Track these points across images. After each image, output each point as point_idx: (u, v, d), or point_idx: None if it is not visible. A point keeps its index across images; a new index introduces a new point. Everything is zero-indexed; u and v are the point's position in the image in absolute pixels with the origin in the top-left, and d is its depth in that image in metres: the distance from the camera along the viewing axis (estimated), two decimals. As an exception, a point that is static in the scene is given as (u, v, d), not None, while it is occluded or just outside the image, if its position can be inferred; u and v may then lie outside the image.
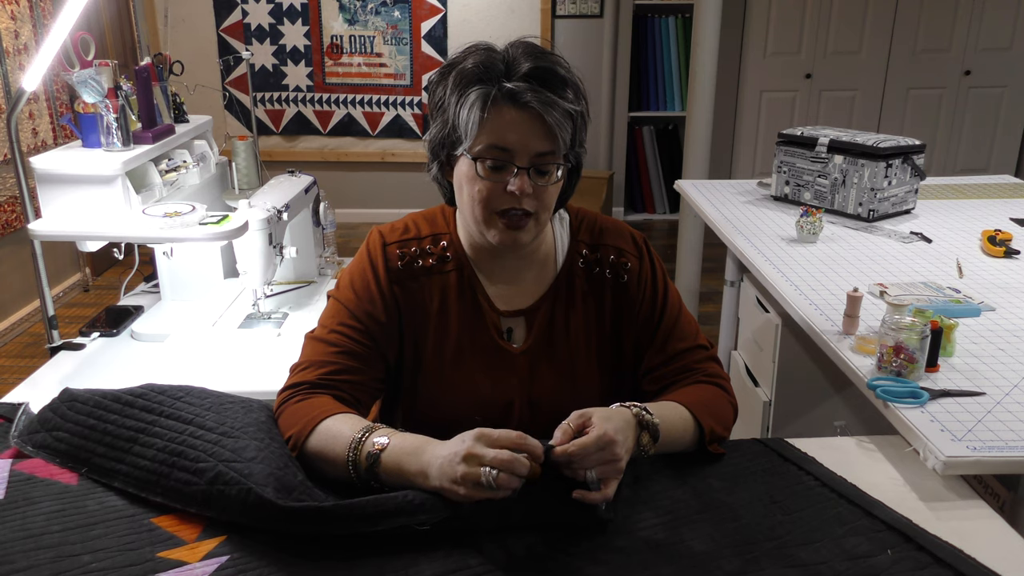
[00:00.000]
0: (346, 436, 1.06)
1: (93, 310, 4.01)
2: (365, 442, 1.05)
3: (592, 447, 0.98)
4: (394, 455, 1.02)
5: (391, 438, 1.04)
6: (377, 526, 0.96)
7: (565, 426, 1.02)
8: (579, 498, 0.98)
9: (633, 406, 1.09)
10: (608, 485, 0.99)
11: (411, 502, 0.97)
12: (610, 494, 0.99)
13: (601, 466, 0.99)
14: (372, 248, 1.25)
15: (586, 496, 0.98)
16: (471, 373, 1.23)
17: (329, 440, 1.07)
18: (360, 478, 1.04)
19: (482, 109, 1.10)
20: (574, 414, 1.03)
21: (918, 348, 1.33)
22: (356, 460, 1.04)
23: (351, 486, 1.05)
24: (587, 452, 0.97)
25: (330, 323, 1.22)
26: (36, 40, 3.81)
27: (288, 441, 1.11)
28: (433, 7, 5.05)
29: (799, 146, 2.43)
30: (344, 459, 1.05)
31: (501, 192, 1.13)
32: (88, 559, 0.92)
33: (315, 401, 1.14)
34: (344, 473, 1.05)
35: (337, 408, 1.13)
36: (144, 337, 1.94)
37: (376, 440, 1.04)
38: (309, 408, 1.13)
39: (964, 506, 1.10)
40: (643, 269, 1.28)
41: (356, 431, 1.06)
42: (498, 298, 1.25)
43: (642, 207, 5.68)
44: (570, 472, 0.99)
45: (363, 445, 1.04)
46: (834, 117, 5.33)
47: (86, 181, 1.80)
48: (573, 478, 0.99)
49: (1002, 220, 2.31)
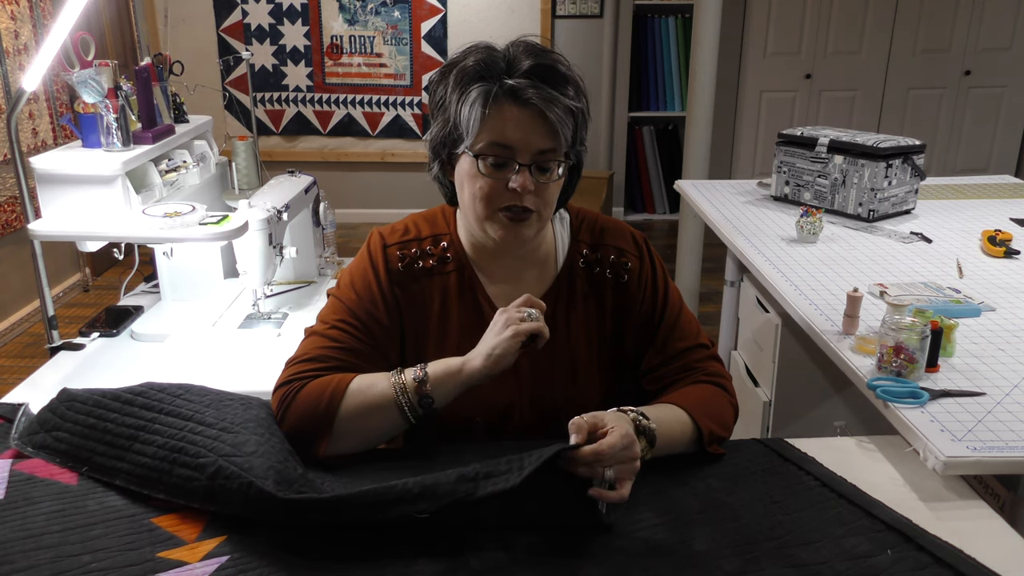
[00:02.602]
0: (383, 378, 1.14)
1: (93, 310, 4.01)
2: (403, 376, 1.13)
3: (619, 446, 0.99)
4: (439, 365, 1.13)
5: (422, 364, 1.14)
6: (378, 515, 0.96)
7: (580, 422, 1.01)
8: (596, 495, 0.98)
9: (630, 411, 1.09)
10: (623, 485, 1.00)
11: (411, 491, 0.97)
12: (626, 494, 0.99)
13: (620, 465, 0.99)
14: (372, 249, 1.25)
15: (603, 495, 0.98)
16: None
17: (365, 390, 1.13)
18: (412, 407, 1.12)
19: (483, 106, 1.11)
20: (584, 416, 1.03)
21: (918, 348, 1.33)
22: (404, 389, 1.11)
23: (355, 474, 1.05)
24: (614, 451, 0.99)
25: (330, 319, 1.22)
26: (36, 40, 3.81)
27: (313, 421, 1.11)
28: (433, 7, 5.05)
29: (799, 146, 2.43)
30: (392, 396, 1.12)
31: (503, 189, 1.13)
32: (88, 559, 0.92)
33: (324, 379, 1.14)
34: (393, 412, 1.12)
35: (348, 376, 1.15)
36: (144, 337, 1.94)
37: (413, 370, 1.14)
38: (323, 383, 1.14)
39: (964, 506, 1.10)
40: (644, 269, 1.28)
41: (388, 375, 1.14)
42: (499, 298, 1.25)
43: (642, 207, 5.67)
44: (587, 471, 0.99)
45: (404, 377, 1.13)
46: (834, 117, 5.33)
47: (86, 181, 1.80)
48: (588, 476, 0.99)
49: (1002, 220, 2.31)
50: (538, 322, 1.11)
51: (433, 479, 0.98)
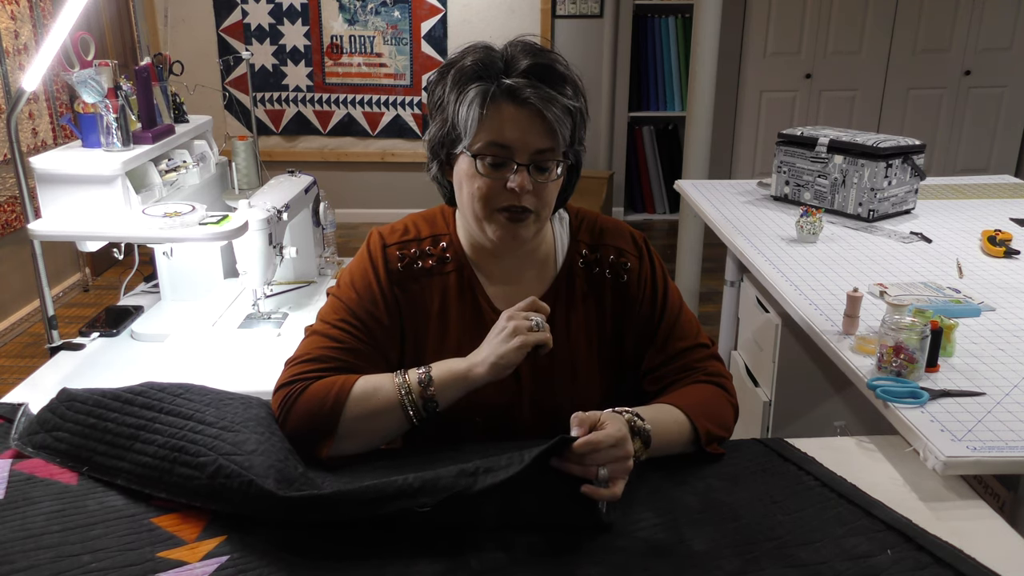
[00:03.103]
0: (388, 379, 1.14)
1: (93, 310, 4.01)
2: (408, 377, 1.13)
3: (611, 439, 0.99)
4: (444, 367, 1.13)
5: (426, 365, 1.14)
6: (379, 511, 0.96)
7: (582, 415, 1.02)
8: (588, 493, 0.98)
9: (625, 412, 1.09)
10: (616, 484, 1.00)
11: (411, 485, 0.97)
12: (618, 492, 1.00)
13: (613, 464, 1.00)
14: (372, 249, 1.25)
15: (595, 492, 0.98)
16: None
17: (370, 392, 1.13)
18: (416, 410, 1.12)
19: (481, 106, 1.11)
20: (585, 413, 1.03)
21: (918, 348, 1.33)
22: (409, 390, 1.11)
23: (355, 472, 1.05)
24: (607, 443, 0.99)
25: (331, 319, 1.22)
26: (36, 40, 3.81)
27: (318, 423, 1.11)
28: (433, 7, 5.05)
29: (799, 146, 2.43)
30: (396, 398, 1.12)
31: (501, 189, 1.13)
32: (88, 559, 0.92)
33: (328, 380, 1.14)
34: (397, 414, 1.12)
35: (351, 378, 1.15)
36: (144, 337, 1.94)
37: (417, 371, 1.14)
38: (327, 384, 1.14)
39: (964, 506, 1.10)
40: (643, 269, 1.28)
41: (393, 376, 1.14)
42: (498, 298, 1.25)
43: (642, 207, 5.68)
44: (581, 469, 0.99)
45: (408, 378, 1.13)
46: (834, 117, 5.33)
47: (86, 181, 1.80)
48: (582, 476, 0.99)
49: (1002, 220, 2.31)
50: (544, 332, 1.11)
51: (433, 473, 0.98)
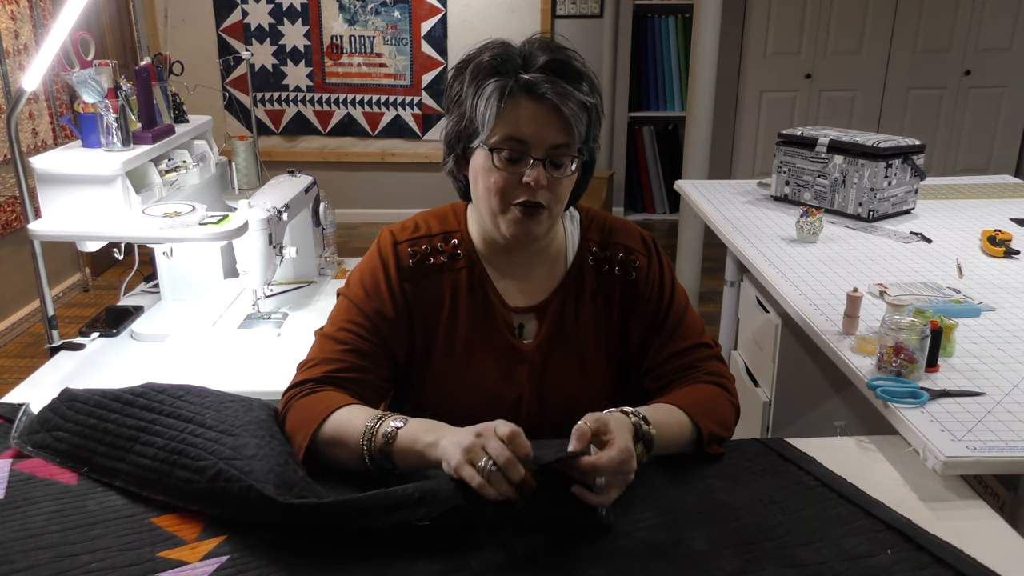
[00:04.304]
0: (361, 419, 1.08)
1: (93, 310, 4.01)
2: (382, 424, 1.06)
3: (616, 460, 0.98)
4: (411, 431, 1.04)
5: (408, 421, 1.07)
6: (378, 521, 0.96)
7: (584, 428, 1.00)
8: (579, 495, 0.98)
9: (632, 415, 1.08)
10: (609, 492, 0.99)
11: (411, 496, 0.96)
12: (609, 500, 0.99)
13: (613, 476, 0.99)
14: (383, 247, 1.26)
15: (585, 495, 0.98)
16: (481, 369, 1.24)
17: (343, 425, 1.09)
18: (372, 459, 1.05)
19: (499, 100, 1.12)
20: (589, 417, 1.01)
21: (918, 348, 1.33)
22: (372, 439, 1.05)
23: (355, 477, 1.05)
24: (612, 465, 0.98)
25: (339, 321, 1.23)
26: (36, 40, 3.81)
27: (298, 433, 1.10)
28: (433, 7, 5.05)
29: (799, 146, 2.43)
30: (358, 442, 1.06)
31: (516, 184, 1.14)
32: (88, 559, 0.92)
33: (324, 395, 1.15)
34: (356, 456, 1.06)
35: (347, 400, 1.14)
36: (144, 337, 1.94)
37: (393, 423, 1.06)
38: (320, 399, 1.13)
39: (964, 506, 1.10)
40: (651, 267, 1.29)
41: (371, 418, 1.08)
42: (509, 294, 1.26)
43: (642, 207, 5.67)
44: (580, 476, 0.99)
45: (380, 426, 1.06)
46: (834, 117, 5.33)
47: (86, 181, 1.80)
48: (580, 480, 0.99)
49: (1002, 220, 2.31)
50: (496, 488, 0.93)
51: (434, 484, 0.97)
